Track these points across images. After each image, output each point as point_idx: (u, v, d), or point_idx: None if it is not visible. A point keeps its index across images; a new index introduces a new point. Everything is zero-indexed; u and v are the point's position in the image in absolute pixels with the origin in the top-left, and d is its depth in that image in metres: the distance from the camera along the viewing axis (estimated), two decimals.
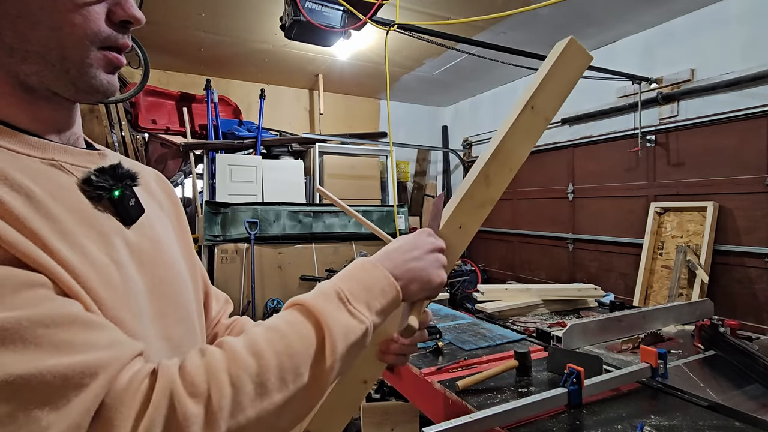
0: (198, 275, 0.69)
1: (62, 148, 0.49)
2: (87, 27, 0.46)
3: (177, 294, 0.57)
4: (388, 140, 4.88)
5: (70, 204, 0.46)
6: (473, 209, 0.64)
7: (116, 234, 0.50)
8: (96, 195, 0.49)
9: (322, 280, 2.41)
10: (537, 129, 0.65)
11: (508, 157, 0.64)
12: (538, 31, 3.40)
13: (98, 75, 0.48)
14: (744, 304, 2.73)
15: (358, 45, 3.72)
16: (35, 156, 0.46)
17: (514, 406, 0.93)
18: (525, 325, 1.72)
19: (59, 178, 0.47)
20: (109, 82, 0.50)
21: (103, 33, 0.47)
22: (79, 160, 0.51)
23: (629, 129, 3.40)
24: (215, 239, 3.65)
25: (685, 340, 1.51)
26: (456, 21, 2.44)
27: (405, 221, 4.68)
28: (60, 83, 0.47)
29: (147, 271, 0.52)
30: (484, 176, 0.63)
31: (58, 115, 0.51)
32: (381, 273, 0.56)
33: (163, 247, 0.57)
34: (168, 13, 3.16)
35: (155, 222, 0.58)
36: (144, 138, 4.15)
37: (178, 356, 0.54)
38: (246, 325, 0.78)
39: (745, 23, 2.77)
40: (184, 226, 0.70)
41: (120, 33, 0.49)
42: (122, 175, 0.53)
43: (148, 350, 0.47)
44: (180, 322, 0.56)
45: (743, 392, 1.10)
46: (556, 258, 4.13)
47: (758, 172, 2.68)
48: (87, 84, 0.48)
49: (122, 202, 0.52)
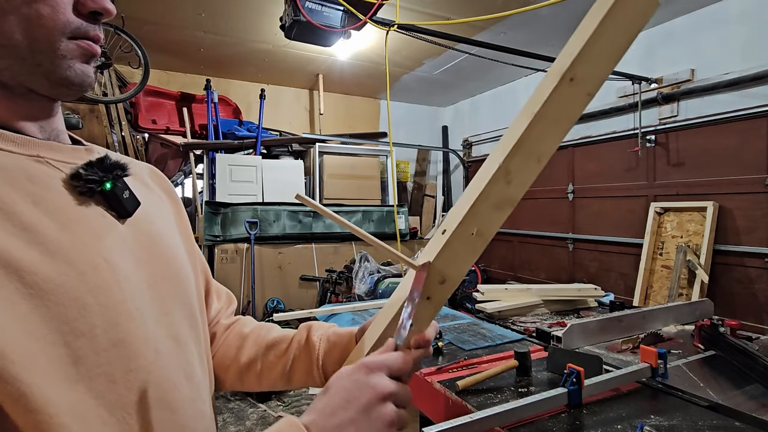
0: (198, 270, 0.67)
1: (48, 144, 0.48)
2: (55, 17, 0.44)
3: (180, 290, 0.55)
4: (388, 140, 4.88)
5: (56, 206, 0.44)
6: (489, 212, 0.51)
7: (109, 231, 0.48)
8: (87, 189, 0.47)
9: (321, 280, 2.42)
10: (575, 108, 0.49)
11: (535, 146, 0.50)
12: (538, 31, 3.40)
13: (72, 66, 0.46)
14: (744, 304, 2.73)
15: (358, 45, 3.72)
16: (19, 153, 0.44)
17: (514, 406, 0.93)
18: (525, 325, 1.72)
19: (45, 177, 0.45)
20: (84, 72, 0.48)
21: (72, 24, 0.46)
22: (66, 156, 0.49)
23: (629, 129, 3.41)
24: (215, 239, 3.65)
25: (685, 340, 1.51)
26: (456, 21, 2.44)
27: (405, 221, 4.68)
28: (33, 78, 0.45)
29: (145, 267, 0.50)
30: (505, 172, 0.50)
31: (37, 112, 0.49)
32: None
33: (164, 241, 0.55)
34: (168, 13, 3.16)
35: (154, 215, 0.57)
36: (144, 138, 4.15)
37: (186, 355, 0.53)
38: (245, 327, 0.75)
39: (745, 23, 2.77)
40: (183, 218, 0.67)
41: (90, 23, 0.47)
42: (111, 166, 0.50)
43: (148, 351, 0.46)
44: (184, 320, 0.54)
45: (743, 392, 1.10)
46: (556, 258, 4.13)
47: (758, 172, 2.68)
48: (61, 76, 0.46)
49: (115, 195, 0.50)
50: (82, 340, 0.40)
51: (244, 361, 0.71)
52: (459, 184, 5.59)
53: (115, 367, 0.42)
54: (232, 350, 0.72)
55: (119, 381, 0.43)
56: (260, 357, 0.71)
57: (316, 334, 0.70)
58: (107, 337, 0.42)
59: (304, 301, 3.78)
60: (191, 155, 3.95)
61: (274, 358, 0.71)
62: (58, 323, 0.39)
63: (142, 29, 3.37)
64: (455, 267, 0.53)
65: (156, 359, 0.47)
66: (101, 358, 0.41)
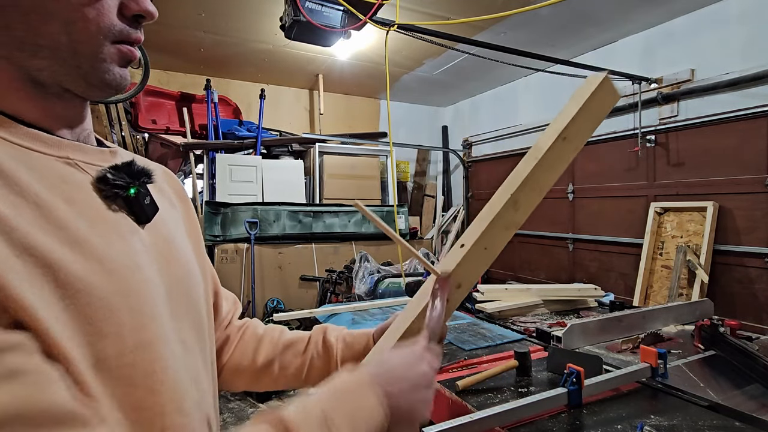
0: (208, 274, 0.67)
1: (76, 146, 0.48)
2: (101, 21, 0.45)
3: (189, 294, 0.55)
4: (388, 140, 4.88)
5: (87, 206, 0.45)
6: (499, 232, 0.65)
7: (132, 234, 0.48)
8: (112, 194, 0.48)
9: (321, 280, 2.41)
10: (566, 157, 0.67)
11: (537, 183, 0.66)
12: (538, 31, 3.40)
13: (111, 69, 0.47)
14: (744, 304, 2.73)
15: (358, 45, 3.72)
16: (49, 154, 0.45)
17: (514, 406, 0.93)
18: (525, 325, 1.72)
19: (74, 178, 0.45)
20: (122, 76, 0.48)
21: (116, 27, 0.46)
22: (93, 158, 0.49)
23: (629, 129, 3.40)
24: (215, 239, 3.65)
25: (685, 340, 1.51)
26: (456, 21, 2.45)
27: (405, 221, 4.68)
28: (71, 78, 0.46)
29: (164, 271, 0.51)
30: (514, 201, 0.64)
31: (69, 112, 0.49)
32: (373, 402, 0.49)
33: (177, 246, 0.56)
34: (168, 13, 3.16)
35: (167, 220, 0.57)
36: (144, 138, 4.15)
37: (192, 360, 0.53)
38: (258, 328, 0.76)
39: (745, 23, 2.77)
40: (194, 223, 0.67)
41: (133, 27, 0.48)
42: (138, 172, 0.51)
43: (167, 354, 0.46)
44: (192, 324, 0.55)
45: (743, 392, 1.10)
46: (556, 258, 4.13)
47: (758, 172, 2.68)
48: (99, 79, 0.47)
49: (138, 200, 0.50)
50: (107, 341, 0.40)
51: (261, 362, 0.72)
52: (459, 184, 5.59)
53: (138, 369, 0.42)
54: (249, 351, 0.73)
55: (139, 384, 0.42)
56: (277, 357, 0.72)
57: (332, 334, 0.73)
58: (133, 338, 0.42)
59: (304, 301, 3.78)
60: (191, 155, 3.95)
61: (292, 357, 0.72)
62: (82, 323, 0.39)
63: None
64: (469, 275, 0.65)
65: (173, 363, 0.47)
66: (126, 359, 0.41)
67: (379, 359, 0.55)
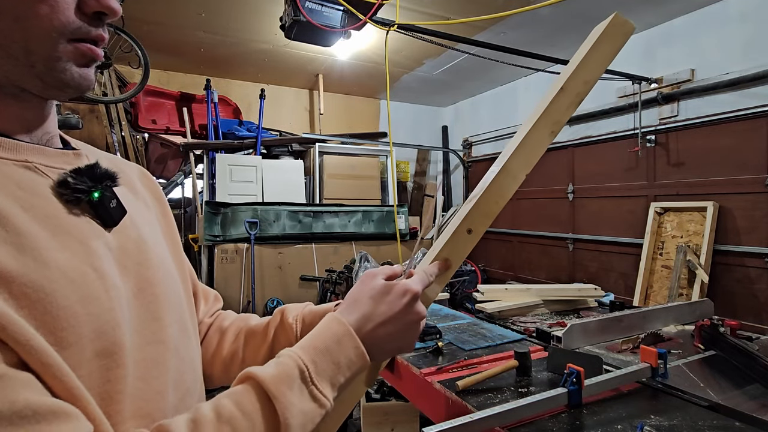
0: (186, 274, 0.67)
1: (35, 149, 0.46)
2: (54, 18, 0.42)
3: (167, 295, 0.54)
4: (388, 140, 4.88)
5: (45, 212, 0.43)
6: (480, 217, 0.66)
7: (96, 239, 0.47)
8: (74, 198, 0.46)
9: (321, 280, 2.41)
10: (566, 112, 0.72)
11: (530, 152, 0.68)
12: (538, 31, 3.40)
13: (69, 69, 0.44)
14: (744, 304, 2.73)
15: (358, 45, 3.72)
16: (6, 158, 0.43)
17: (514, 406, 0.93)
18: (525, 325, 1.72)
19: (33, 183, 0.44)
20: (82, 76, 0.46)
21: (72, 25, 0.43)
22: (54, 161, 0.47)
23: (629, 129, 3.40)
24: (215, 239, 3.65)
25: (685, 340, 1.51)
26: (456, 21, 2.44)
27: (405, 221, 4.68)
28: (26, 78, 0.43)
29: (131, 275, 0.50)
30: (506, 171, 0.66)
31: (28, 113, 0.47)
32: (352, 344, 0.52)
33: (149, 247, 0.54)
34: (168, 13, 3.17)
35: (140, 221, 0.56)
36: (144, 138, 4.15)
37: (176, 359, 0.52)
38: (225, 320, 0.76)
39: (745, 23, 2.77)
40: (170, 223, 0.67)
41: (93, 25, 0.45)
42: (101, 175, 0.49)
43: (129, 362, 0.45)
44: (173, 324, 0.54)
45: (743, 392, 1.10)
46: (556, 258, 4.13)
47: (758, 172, 2.68)
48: (55, 79, 0.44)
49: (102, 204, 0.48)
50: (69, 350, 0.39)
51: (226, 354, 0.72)
52: (459, 184, 5.59)
53: (94, 378, 0.41)
54: (213, 344, 0.73)
55: (95, 393, 0.41)
56: (241, 347, 0.72)
57: (290, 315, 0.72)
58: (92, 347, 0.41)
59: (304, 301, 3.77)
60: (191, 155, 3.95)
61: (255, 346, 0.72)
62: (44, 333, 0.37)
63: (142, 29, 3.37)
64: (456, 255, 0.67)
65: (135, 370, 0.46)
66: (83, 369, 0.40)
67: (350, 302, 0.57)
